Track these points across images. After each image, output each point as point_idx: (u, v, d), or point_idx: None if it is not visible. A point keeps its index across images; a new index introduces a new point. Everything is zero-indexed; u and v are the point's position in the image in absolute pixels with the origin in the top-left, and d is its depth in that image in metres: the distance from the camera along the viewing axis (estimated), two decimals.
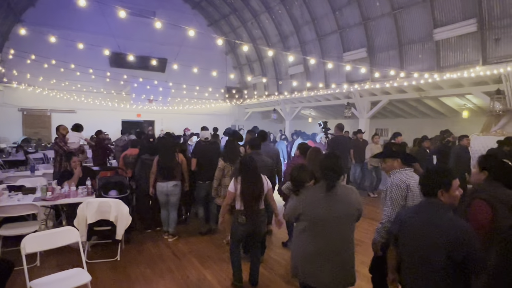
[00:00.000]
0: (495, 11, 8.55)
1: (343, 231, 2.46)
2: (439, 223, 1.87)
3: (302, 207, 2.48)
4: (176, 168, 5.15)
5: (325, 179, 2.47)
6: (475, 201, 2.12)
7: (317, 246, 2.42)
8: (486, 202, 2.07)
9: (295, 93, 15.31)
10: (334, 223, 2.42)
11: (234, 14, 17.24)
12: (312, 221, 2.44)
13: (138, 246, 4.92)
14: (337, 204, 2.44)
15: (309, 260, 2.45)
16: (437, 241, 1.84)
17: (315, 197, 2.47)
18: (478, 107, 10.96)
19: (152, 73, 15.52)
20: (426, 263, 1.88)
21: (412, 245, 1.96)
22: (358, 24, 12.11)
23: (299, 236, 2.55)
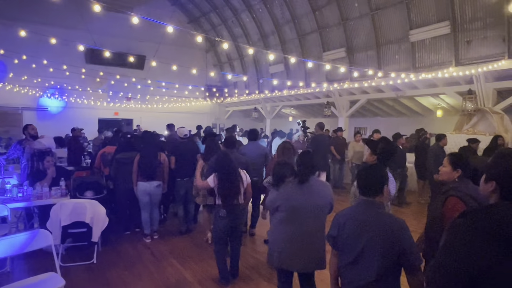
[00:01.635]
0: (466, 14, 8.89)
1: (316, 221, 2.73)
2: (378, 223, 1.93)
3: (280, 199, 2.76)
4: (158, 167, 5.05)
5: (298, 173, 2.77)
6: (450, 199, 2.18)
7: (293, 234, 2.69)
8: (460, 199, 2.13)
9: (275, 92, 15.37)
10: (308, 213, 2.69)
11: (215, 12, 17.11)
12: (289, 211, 2.70)
13: (116, 248, 4.79)
14: (311, 196, 2.71)
15: (285, 246, 2.70)
16: (376, 239, 1.88)
17: (292, 190, 2.75)
18: (451, 107, 11.38)
19: (130, 70, 15.17)
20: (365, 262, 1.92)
21: (352, 245, 1.98)
22: (337, 24, 12.29)
23: (276, 226, 2.81)
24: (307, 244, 2.68)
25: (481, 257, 1.22)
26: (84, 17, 13.26)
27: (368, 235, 1.91)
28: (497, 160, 1.39)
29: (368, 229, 1.93)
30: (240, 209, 3.77)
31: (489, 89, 8.59)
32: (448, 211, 2.15)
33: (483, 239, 1.23)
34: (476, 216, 1.31)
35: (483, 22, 8.65)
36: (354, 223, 1.99)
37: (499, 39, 8.35)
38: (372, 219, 1.95)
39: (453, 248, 1.31)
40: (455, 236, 1.33)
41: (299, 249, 2.67)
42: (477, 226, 1.27)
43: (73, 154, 8.23)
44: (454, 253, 1.30)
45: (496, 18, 8.31)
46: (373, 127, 14.14)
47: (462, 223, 1.32)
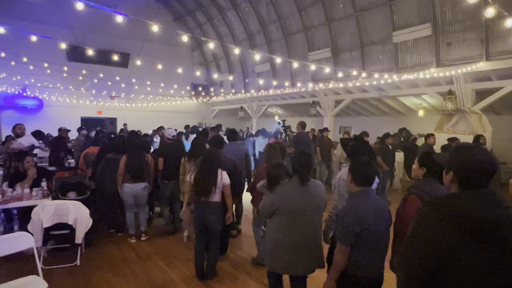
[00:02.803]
0: (447, 17, 9.15)
1: (315, 221, 2.73)
2: (385, 207, 2.29)
3: (278, 202, 2.68)
4: (145, 169, 4.99)
5: (298, 174, 2.70)
6: (410, 197, 2.27)
7: (293, 237, 2.64)
8: (419, 197, 2.20)
9: (261, 91, 15.41)
10: (308, 214, 2.67)
11: (200, 10, 17.00)
12: (289, 213, 2.65)
13: (100, 249, 4.71)
14: (310, 196, 2.69)
15: (286, 250, 2.65)
16: (388, 220, 2.25)
17: (291, 191, 2.69)
18: (432, 107, 11.69)
19: (114, 69, 14.90)
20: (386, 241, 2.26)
21: (375, 233, 2.17)
22: (322, 24, 12.42)
23: (274, 230, 2.74)
24: (311, 246, 2.67)
25: (444, 243, 1.30)
26: (65, 14, 12.93)
27: (383, 220, 2.21)
28: (454, 153, 1.50)
29: (383, 214, 2.23)
30: (209, 206, 3.70)
31: (468, 89, 8.87)
32: (406, 208, 2.26)
33: (445, 226, 1.31)
34: (439, 205, 1.38)
35: (462, 25, 8.92)
36: (373, 213, 2.18)
37: (478, 42, 8.63)
38: (382, 205, 2.26)
39: (418, 235, 1.39)
40: (420, 224, 1.41)
41: (305, 253, 2.64)
42: (440, 214, 1.34)
43: (57, 154, 7.97)
44: (418, 240, 1.38)
45: (474, 21, 8.58)
46: (358, 126, 14.42)
47: (426, 212, 1.40)
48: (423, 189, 2.26)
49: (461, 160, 1.43)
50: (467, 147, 1.48)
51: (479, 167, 1.38)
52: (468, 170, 1.40)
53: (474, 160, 1.39)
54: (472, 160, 1.40)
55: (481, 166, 1.38)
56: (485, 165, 1.38)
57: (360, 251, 2.16)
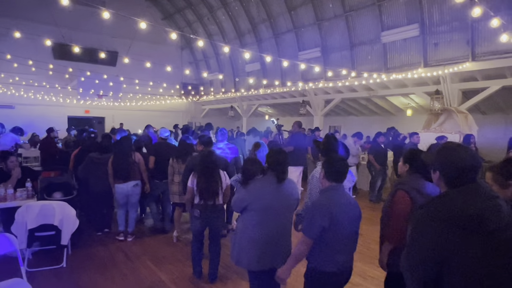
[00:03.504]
0: (434, 18, 9.29)
1: (286, 219, 2.75)
2: (355, 203, 2.37)
3: (249, 198, 2.68)
4: (132, 167, 4.92)
5: (275, 172, 2.69)
6: (397, 192, 2.37)
7: (263, 233, 2.64)
8: (406, 193, 2.32)
9: (251, 90, 15.38)
10: (279, 211, 2.68)
11: (190, 9, 16.87)
12: (260, 210, 2.65)
13: (87, 250, 4.62)
14: (282, 195, 2.71)
15: (255, 246, 2.64)
16: (358, 216, 2.35)
17: (264, 188, 2.69)
18: (420, 106, 11.85)
19: (102, 67, 14.67)
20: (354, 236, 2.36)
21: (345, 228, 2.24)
22: (312, 24, 12.46)
23: (244, 225, 2.73)
24: (278, 243, 2.70)
25: (441, 242, 1.37)
26: (51, 11, 12.67)
27: (352, 216, 2.28)
28: (438, 153, 1.56)
29: (352, 210, 2.30)
30: (216, 210, 3.72)
31: (455, 89, 9.03)
32: (395, 203, 2.37)
33: (440, 226, 1.39)
34: (431, 207, 1.45)
35: (449, 26, 9.06)
36: (343, 208, 2.24)
37: (464, 42, 8.78)
38: (352, 201, 2.35)
39: (416, 238, 1.47)
40: (416, 227, 1.48)
41: (272, 249, 2.66)
42: (433, 216, 1.42)
43: (49, 156, 7.69)
44: (417, 242, 1.45)
45: (461, 22, 8.73)
46: (347, 125, 14.54)
47: (420, 215, 1.48)
48: (409, 184, 2.36)
49: (445, 160, 1.50)
50: (450, 147, 1.55)
51: (463, 165, 1.45)
52: (452, 169, 1.47)
53: (457, 159, 1.46)
54: (455, 159, 1.47)
55: (464, 164, 1.45)
56: (468, 162, 1.45)
57: (329, 247, 2.22)
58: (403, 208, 2.31)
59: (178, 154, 4.79)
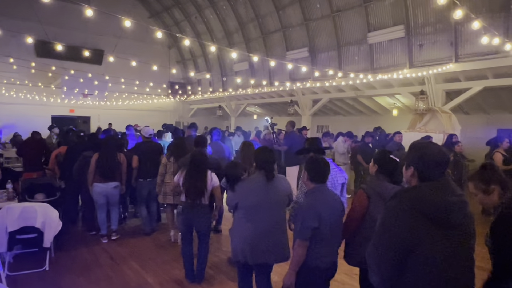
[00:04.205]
0: (419, 19, 9.45)
1: (276, 215, 2.80)
2: (338, 198, 2.51)
3: (238, 197, 2.79)
4: (117, 168, 4.85)
5: (264, 170, 2.78)
6: (358, 191, 2.54)
7: (253, 229, 2.72)
8: (364, 192, 2.45)
9: (240, 90, 15.35)
10: (268, 208, 2.75)
11: (177, 7, 16.71)
12: (248, 208, 2.76)
13: (71, 253, 4.53)
14: (271, 191, 2.77)
15: (247, 241, 2.73)
16: (342, 212, 2.45)
17: (252, 187, 2.78)
18: (405, 106, 12.05)
19: (87, 65, 14.37)
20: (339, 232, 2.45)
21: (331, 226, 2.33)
22: (300, 24, 12.52)
23: (237, 223, 2.85)
24: (271, 239, 2.74)
25: (410, 231, 1.46)
26: (34, 7, 12.35)
27: (336, 212, 2.38)
28: (413, 150, 1.66)
29: (336, 206, 2.40)
30: (200, 209, 3.68)
31: (439, 90, 9.21)
32: (353, 201, 2.53)
33: (410, 216, 1.47)
34: (403, 197, 1.54)
35: (433, 27, 9.24)
36: (329, 207, 2.34)
37: (447, 44, 8.97)
38: (335, 197, 2.45)
39: (386, 226, 1.54)
40: (387, 216, 1.56)
41: (264, 245, 2.72)
42: (404, 206, 1.50)
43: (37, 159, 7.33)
44: (387, 231, 1.53)
45: (444, 24, 8.91)
46: (335, 125, 14.66)
47: (391, 205, 1.56)
48: (370, 184, 2.51)
49: (419, 156, 1.60)
50: (422, 145, 1.66)
51: (435, 160, 1.56)
52: (425, 165, 1.57)
53: (430, 155, 1.57)
54: (428, 155, 1.58)
55: (436, 160, 1.56)
56: (439, 158, 1.57)
57: (319, 244, 2.31)
58: (358, 207, 2.44)
59: (173, 154, 4.74)
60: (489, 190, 1.94)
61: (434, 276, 1.46)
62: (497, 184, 1.92)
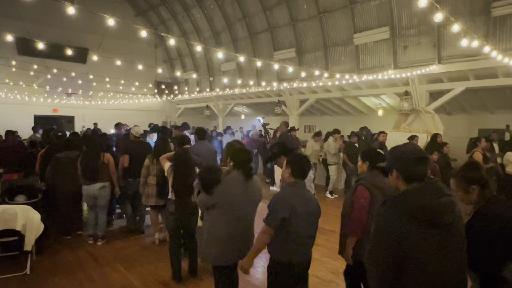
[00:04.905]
0: (403, 22, 9.62)
1: (251, 214, 2.86)
2: (314, 199, 2.54)
3: (217, 197, 2.69)
4: (101, 168, 4.75)
5: (243, 170, 2.76)
6: (358, 187, 2.59)
7: (230, 229, 2.70)
8: (366, 188, 2.54)
9: (227, 89, 15.31)
10: (246, 207, 2.78)
11: (164, 6, 16.54)
12: (227, 208, 2.70)
13: (53, 256, 4.43)
14: (249, 191, 2.79)
15: (222, 242, 2.71)
16: (317, 210, 2.49)
17: (232, 186, 2.73)
18: (391, 106, 12.26)
19: (70, 64, 14.06)
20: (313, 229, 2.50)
21: (305, 222, 2.40)
22: (287, 24, 12.57)
23: (211, 223, 2.76)
24: (244, 238, 2.80)
25: (404, 235, 1.48)
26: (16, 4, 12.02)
27: (311, 211, 2.43)
28: (391, 153, 1.73)
29: (311, 205, 2.44)
30: (191, 207, 3.74)
31: (422, 91, 9.40)
32: (356, 197, 2.58)
33: (402, 220, 1.50)
34: (394, 202, 1.57)
35: (417, 29, 9.42)
36: (304, 203, 2.38)
37: (431, 46, 9.16)
38: (311, 197, 2.49)
39: (381, 232, 1.57)
40: (381, 222, 1.58)
41: (238, 244, 2.76)
42: (396, 211, 1.53)
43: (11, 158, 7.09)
44: (380, 237, 1.56)
45: (428, 26, 9.10)
46: (322, 125, 14.78)
47: (383, 211, 1.59)
48: (369, 180, 2.57)
49: (397, 157, 1.66)
50: (398, 146, 1.73)
51: (413, 156, 1.62)
52: (405, 163, 1.62)
53: (406, 152, 1.64)
54: (405, 152, 1.64)
55: (413, 156, 1.62)
56: (416, 153, 1.62)
57: (290, 240, 2.35)
58: (364, 202, 2.52)
59: (156, 155, 4.67)
60: (470, 189, 1.96)
61: (430, 277, 1.48)
62: (478, 184, 1.95)
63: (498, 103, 10.30)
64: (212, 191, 2.69)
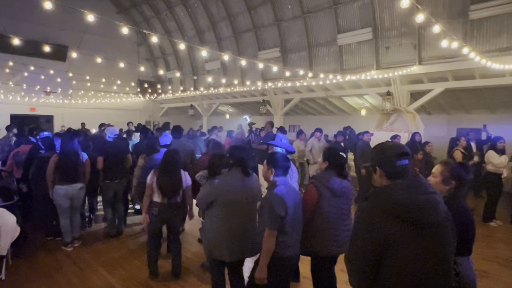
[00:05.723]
0: (385, 23, 9.79)
1: (251, 211, 2.90)
2: (297, 192, 2.65)
3: (216, 193, 2.78)
4: (81, 168, 4.62)
5: (242, 167, 2.86)
6: (309, 186, 2.74)
7: (229, 226, 2.78)
8: (314, 186, 2.67)
9: (211, 89, 15.21)
10: (244, 204, 2.82)
11: (147, 3, 16.26)
12: (227, 204, 2.77)
13: (31, 260, 4.27)
14: (248, 188, 2.85)
15: (224, 238, 2.79)
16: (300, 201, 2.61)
17: (230, 183, 2.81)
18: (373, 106, 12.47)
19: (49, 61, 13.63)
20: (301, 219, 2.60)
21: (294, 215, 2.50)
22: (272, 24, 12.58)
23: (212, 220, 2.84)
24: (245, 234, 2.83)
25: (385, 231, 1.47)
26: None
27: (298, 204, 2.53)
28: (375, 152, 1.72)
29: (297, 198, 2.54)
30: (176, 208, 3.70)
31: (404, 91, 9.61)
32: (305, 194, 2.73)
33: (383, 216, 1.49)
34: (376, 198, 1.56)
35: (398, 31, 9.61)
36: (291, 198, 2.47)
37: (412, 47, 9.37)
38: (295, 190, 2.58)
39: (359, 229, 1.57)
40: (362, 218, 1.58)
41: (240, 240, 2.81)
42: (377, 207, 1.52)
43: None
44: (360, 233, 1.55)
45: (408, 28, 9.29)
46: (306, 125, 14.89)
47: (364, 206, 1.58)
48: (319, 179, 2.71)
49: (379, 154, 1.66)
50: (383, 145, 1.72)
51: (394, 152, 1.62)
52: (387, 160, 1.62)
53: (387, 149, 1.65)
54: (386, 149, 1.65)
55: (395, 152, 1.62)
56: (397, 149, 1.63)
57: (284, 234, 2.44)
58: (310, 199, 2.67)
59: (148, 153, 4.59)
60: (449, 182, 2.14)
61: (406, 277, 1.45)
62: (457, 181, 2.12)
63: (476, 104, 10.65)
64: (214, 180, 2.83)
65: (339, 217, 2.73)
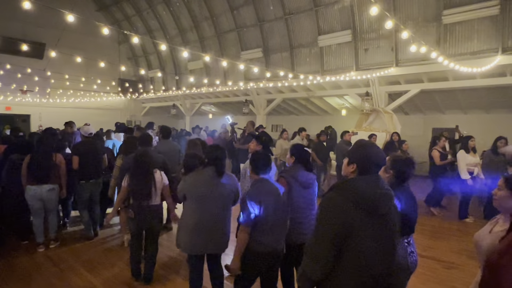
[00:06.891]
0: (364, 25, 10.07)
1: (219, 208, 2.97)
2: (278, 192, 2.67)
3: (187, 187, 2.95)
4: (53, 169, 4.53)
5: (216, 167, 2.95)
6: (280, 179, 2.94)
7: (197, 219, 2.90)
8: (285, 179, 2.91)
9: (194, 88, 15.16)
10: (212, 200, 2.92)
11: (128, 1, 16.04)
12: (195, 198, 2.92)
13: (8, 262, 4.20)
14: (219, 186, 2.94)
15: (189, 231, 2.92)
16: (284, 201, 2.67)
17: (201, 179, 2.94)
18: (353, 106, 12.78)
19: (26, 59, 13.25)
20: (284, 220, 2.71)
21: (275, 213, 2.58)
22: (254, 24, 12.68)
23: (184, 213, 3.01)
24: (212, 229, 2.93)
25: (347, 219, 1.62)
26: None
27: (281, 202, 2.60)
28: (356, 148, 1.86)
29: (280, 197, 2.61)
30: (151, 210, 3.61)
31: (382, 92, 9.91)
32: None
33: (347, 205, 1.65)
34: (341, 189, 1.72)
35: (376, 33, 9.90)
36: (272, 196, 2.56)
37: (389, 49, 9.68)
38: (278, 190, 2.64)
39: (323, 216, 1.71)
40: (327, 206, 1.72)
41: (205, 235, 2.90)
42: (342, 197, 1.68)
43: None
44: (323, 219, 1.69)
45: (386, 30, 9.57)
46: (289, 124, 15.08)
47: (330, 196, 1.73)
48: (289, 172, 2.97)
49: (364, 156, 1.79)
50: (365, 145, 1.86)
51: (376, 162, 1.78)
52: (367, 164, 1.77)
53: (373, 156, 1.78)
54: (372, 156, 1.78)
55: (377, 161, 1.78)
56: (379, 159, 1.79)
57: (260, 231, 2.53)
58: None
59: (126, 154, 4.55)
60: (387, 171, 2.50)
61: (363, 259, 1.63)
62: (394, 171, 2.48)
63: (449, 104, 11.11)
64: (187, 176, 2.99)
65: (307, 206, 2.99)
